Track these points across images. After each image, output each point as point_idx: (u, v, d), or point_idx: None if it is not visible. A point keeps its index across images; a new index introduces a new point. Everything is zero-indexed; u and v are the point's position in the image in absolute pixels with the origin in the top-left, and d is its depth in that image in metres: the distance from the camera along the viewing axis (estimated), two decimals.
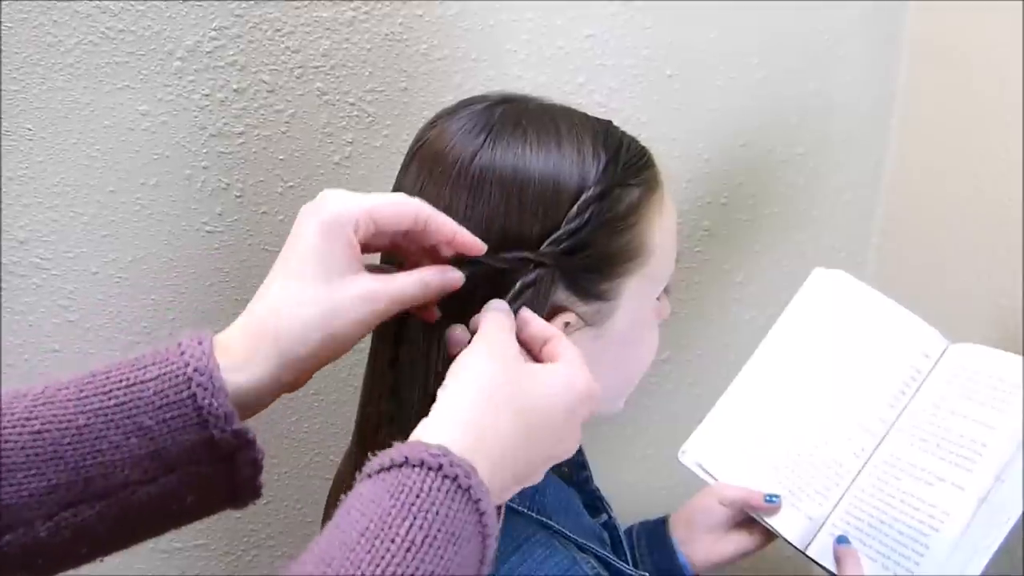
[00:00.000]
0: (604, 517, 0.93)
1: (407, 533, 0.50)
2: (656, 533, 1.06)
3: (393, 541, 0.49)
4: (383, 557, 0.49)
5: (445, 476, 0.51)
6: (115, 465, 0.58)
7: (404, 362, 0.75)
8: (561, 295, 0.73)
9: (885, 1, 1.26)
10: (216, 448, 0.59)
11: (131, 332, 1.12)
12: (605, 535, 0.90)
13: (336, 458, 0.95)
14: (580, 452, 0.95)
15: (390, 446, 0.56)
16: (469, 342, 0.64)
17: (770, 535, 1.02)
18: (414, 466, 0.52)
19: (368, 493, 0.52)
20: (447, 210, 0.71)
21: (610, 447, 1.38)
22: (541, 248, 0.70)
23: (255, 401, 0.63)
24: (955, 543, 0.89)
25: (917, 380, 1.00)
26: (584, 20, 1.14)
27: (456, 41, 1.11)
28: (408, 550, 0.49)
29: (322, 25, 1.06)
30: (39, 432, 0.57)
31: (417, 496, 0.51)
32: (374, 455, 0.54)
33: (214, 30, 1.03)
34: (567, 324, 0.74)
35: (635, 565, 1.04)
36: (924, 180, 1.30)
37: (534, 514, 0.78)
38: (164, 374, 0.59)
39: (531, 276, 0.70)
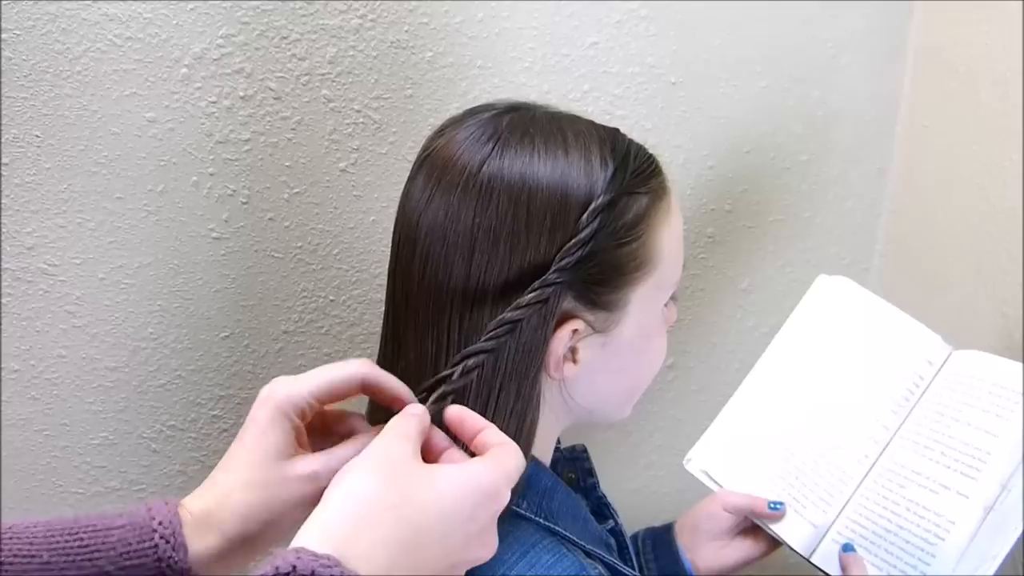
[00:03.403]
0: (610, 523, 0.93)
1: None
2: (661, 539, 1.06)
3: None
4: None
5: None
6: None
7: (411, 353, 0.76)
8: (569, 303, 0.73)
9: (890, 4, 1.26)
10: None
11: (138, 338, 1.12)
12: (611, 541, 0.90)
13: None
14: (587, 459, 0.95)
15: None
16: None
17: (775, 542, 1.02)
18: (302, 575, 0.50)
19: None
20: (455, 219, 0.72)
21: (615, 454, 1.38)
22: (553, 266, 0.70)
23: (205, 569, 0.63)
24: (962, 551, 0.89)
25: (920, 387, 1.00)
26: (589, 28, 1.15)
27: (461, 49, 1.11)
28: None
29: (328, 32, 1.06)
30: (2, 564, 0.58)
31: None
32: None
33: (221, 37, 1.03)
34: (575, 331, 0.74)
35: (641, 571, 1.04)
36: (928, 188, 1.30)
37: (541, 520, 0.78)
38: (130, 523, 0.61)
39: (543, 295, 0.70)
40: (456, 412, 0.67)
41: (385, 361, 0.80)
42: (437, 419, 0.68)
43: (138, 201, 1.07)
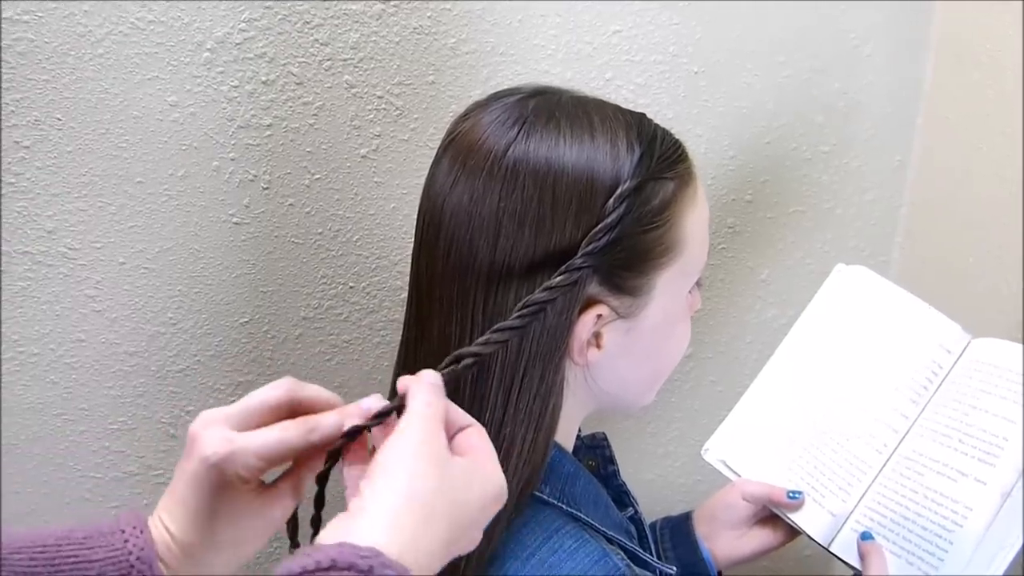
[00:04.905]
0: (630, 511, 0.93)
1: None
2: (680, 528, 1.06)
3: None
4: None
5: None
6: None
7: (435, 337, 0.76)
8: (594, 288, 0.73)
9: (911, 1, 1.26)
10: None
11: (157, 323, 1.12)
12: (632, 529, 0.90)
13: None
14: (607, 446, 0.95)
15: None
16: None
17: (793, 531, 1.02)
18: (343, 569, 0.48)
19: None
20: (480, 202, 0.72)
21: (632, 443, 1.38)
22: (580, 251, 0.70)
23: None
24: (979, 539, 0.89)
25: (939, 375, 1.00)
26: (611, 16, 1.14)
27: (484, 35, 1.11)
28: None
29: (351, 18, 1.06)
30: None
31: None
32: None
33: (244, 22, 1.03)
34: (599, 316, 0.74)
35: (659, 559, 1.04)
36: (948, 180, 1.29)
37: (564, 505, 0.78)
38: (109, 557, 0.60)
39: (572, 278, 0.70)
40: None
41: (408, 345, 0.80)
42: (452, 385, 0.68)
43: (159, 186, 1.07)
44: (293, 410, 0.65)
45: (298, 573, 0.48)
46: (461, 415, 0.64)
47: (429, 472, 0.56)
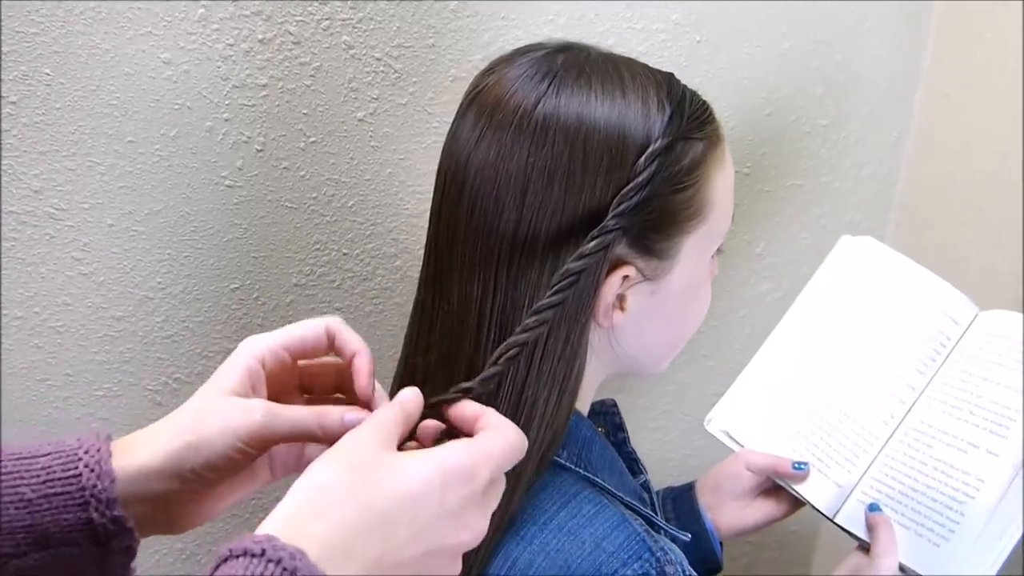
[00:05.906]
0: (643, 478, 0.92)
1: None
2: (683, 498, 1.05)
3: None
4: None
5: (269, 560, 0.49)
6: None
7: (455, 299, 0.74)
8: (622, 249, 0.72)
9: None
10: (93, 531, 0.59)
11: (145, 287, 1.09)
12: (645, 495, 0.90)
13: None
14: (617, 413, 0.94)
15: None
16: None
17: (797, 502, 1.02)
18: (238, 556, 0.50)
19: None
20: (507, 158, 0.70)
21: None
22: (611, 211, 0.68)
23: (153, 487, 0.62)
24: (991, 511, 0.89)
25: (947, 346, 1.00)
26: None
27: None
28: None
29: None
30: None
31: None
32: None
33: None
34: (626, 277, 0.73)
35: None
36: (946, 156, 1.30)
37: (581, 470, 0.77)
38: (55, 452, 0.60)
39: (605, 242, 0.67)
40: (455, 409, 0.63)
41: (423, 307, 0.78)
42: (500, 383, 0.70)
43: (150, 146, 1.04)
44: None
45: (210, 572, 0.51)
46: (474, 408, 0.62)
47: (335, 474, 0.55)
